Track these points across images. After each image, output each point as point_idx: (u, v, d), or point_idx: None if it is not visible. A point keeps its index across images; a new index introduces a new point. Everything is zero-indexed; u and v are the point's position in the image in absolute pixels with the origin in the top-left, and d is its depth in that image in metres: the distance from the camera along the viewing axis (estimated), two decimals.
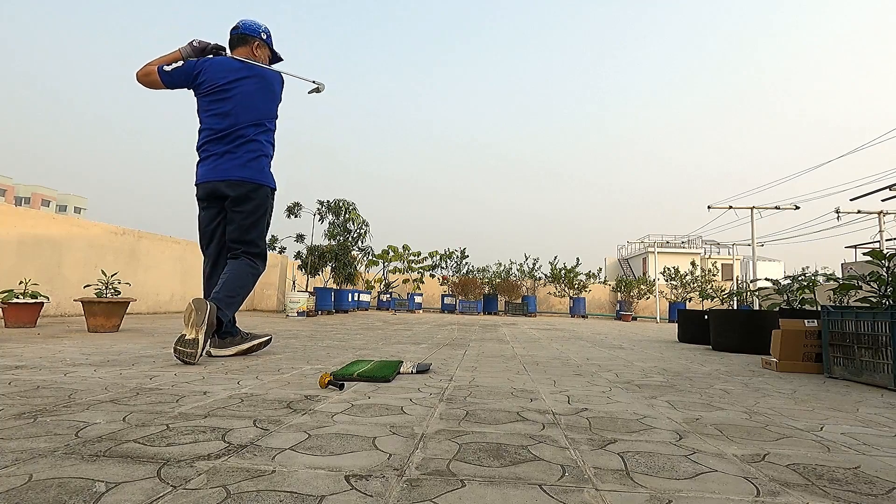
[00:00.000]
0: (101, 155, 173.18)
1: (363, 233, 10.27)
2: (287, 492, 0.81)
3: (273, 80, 2.72)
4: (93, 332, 3.80)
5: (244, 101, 2.61)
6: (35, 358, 2.28)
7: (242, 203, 2.59)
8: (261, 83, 2.66)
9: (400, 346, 3.55)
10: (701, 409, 1.63)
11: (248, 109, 2.61)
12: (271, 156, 2.73)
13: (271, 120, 2.72)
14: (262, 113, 2.66)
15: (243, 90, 2.62)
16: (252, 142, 2.61)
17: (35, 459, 0.92)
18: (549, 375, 2.31)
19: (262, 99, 2.67)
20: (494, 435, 1.21)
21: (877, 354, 2.36)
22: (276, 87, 2.74)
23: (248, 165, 2.59)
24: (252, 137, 2.61)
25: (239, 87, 2.62)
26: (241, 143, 2.60)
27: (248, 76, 2.65)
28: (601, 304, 17.62)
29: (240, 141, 2.60)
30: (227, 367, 2.19)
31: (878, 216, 14.53)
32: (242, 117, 2.60)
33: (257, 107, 2.64)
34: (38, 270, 5.55)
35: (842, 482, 0.97)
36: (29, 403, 1.37)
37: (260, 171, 2.63)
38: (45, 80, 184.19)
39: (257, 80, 2.66)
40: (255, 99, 2.63)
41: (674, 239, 33.35)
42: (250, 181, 2.59)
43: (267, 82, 2.69)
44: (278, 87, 2.75)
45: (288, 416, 1.33)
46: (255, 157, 2.61)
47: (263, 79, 2.68)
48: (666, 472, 0.99)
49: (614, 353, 3.64)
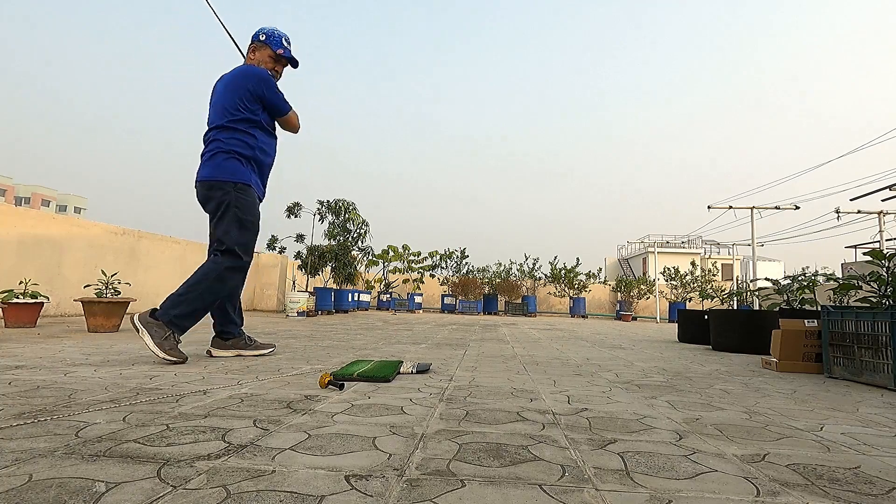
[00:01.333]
0: (101, 155, 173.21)
1: (363, 233, 10.26)
2: (287, 492, 0.81)
3: (238, 73, 2.59)
4: (93, 332, 3.80)
5: (213, 106, 2.58)
6: (35, 358, 2.28)
7: (205, 204, 2.55)
8: (227, 83, 2.58)
9: (400, 345, 3.55)
10: (701, 409, 1.63)
11: (214, 112, 2.57)
12: (236, 150, 2.53)
13: (232, 114, 2.53)
14: (222, 111, 2.53)
15: (214, 97, 2.60)
16: (213, 142, 2.54)
17: (35, 459, 0.92)
18: (549, 375, 2.31)
19: (225, 96, 2.55)
20: (494, 435, 1.21)
21: (877, 354, 2.36)
22: (240, 81, 2.56)
23: (206, 165, 2.52)
24: (213, 138, 2.54)
25: (213, 95, 2.62)
26: (205, 148, 2.57)
27: (219, 81, 2.63)
28: (601, 304, 17.61)
29: (205, 146, 2.57)
30: (227, 367, 2.19)
31: (878, 216, 14.53)
32: (210, 122, 2.58)
33: (221, 105, 2.54)
34: (38, 270, 5.55)
35: (842, 482, 0.97)
36: (29, 403, 1.37)
37: (215, 168, 2.50)
38: (45, 80, 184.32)
39: (225, 81, 2.60)
40: (220, 99, 2.56)
41: (674, 239, 33.35)
42: (206, 180, 2.50)
43: (232, 78, 2.58)
44: (243, 80, 2.56)
45: (288, 416, 1.33)
46: (211, 156, 2.51)
47: (231, 77, 2.58)
48: (666, 472, 0.99)
49: (614, 353, 3.64)
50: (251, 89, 2.53)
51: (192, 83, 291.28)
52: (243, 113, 2.53)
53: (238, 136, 2.54)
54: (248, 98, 2.54)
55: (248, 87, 2.53)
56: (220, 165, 2.49)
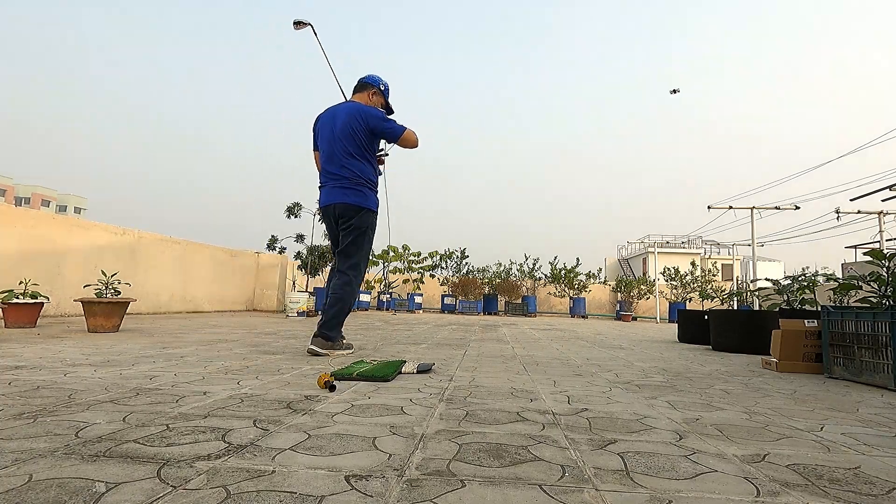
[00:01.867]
0: (101, 155, 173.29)
1: None
2: (287, 492, 0.81)
3: (362, 113, 2.93)
4: (93, 332, 3.80)
5: (341, 139, 2.94)
6: (35, 358, 2.28)
7: (346, 221, 2.94)
8: (352, 119, 2.93)
9: (400, 345, 3.55)
10: (701, 410, 1.63)
11: (346, 143, 2.93)
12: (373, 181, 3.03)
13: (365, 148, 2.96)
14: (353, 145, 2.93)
15: (339, 130, 2.95)
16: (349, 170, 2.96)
17: (35, 459, 0.92)
18: (549, 376, 2.31)
19: (353, 132, 2.93)
20: (494, 435, 1.21)
21: (877, 354, 2.36)
22: (366, 120, 2.91)
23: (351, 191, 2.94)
24: (349, 167, 2.94)
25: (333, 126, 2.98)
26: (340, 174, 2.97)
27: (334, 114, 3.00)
28: (601, 305, 17.61)
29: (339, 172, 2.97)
30: (227, 367, 2.19)
31: (878, 216, 14.54)
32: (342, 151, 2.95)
33: (351, 139, 2.93)
34: (38, 270, 5.55)
35: (842, 482, 0.97)
36: (29, 403, 1.37)
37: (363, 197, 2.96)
38: (46, 80, 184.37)
39: (349, 117, 2.94)
40: (348, 133, 2.92)
41: (674, 239, 33.36)
42: (356, 205, 2.93)
43: (357, 116, 2.93)
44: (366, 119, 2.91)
45: (288, 416, 1.33)
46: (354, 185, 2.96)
47: (356, 115, 2.93)
48: (666, 472, 0.99)
49: (614, 353, 3.64)
50: (373, 127, 2.92)
51: (191, 83, 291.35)
52: (370, 149, 2.96)
53: (371, 169, 2.97)
54: (371, 134, 2.94)
55: (370, 125, 2.91)
56: (367, 196, 2.93)
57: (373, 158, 2.98)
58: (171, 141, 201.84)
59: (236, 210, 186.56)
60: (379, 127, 2.91)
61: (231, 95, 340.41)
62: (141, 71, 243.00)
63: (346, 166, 2.88)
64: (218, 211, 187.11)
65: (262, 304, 10.52)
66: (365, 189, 2.91)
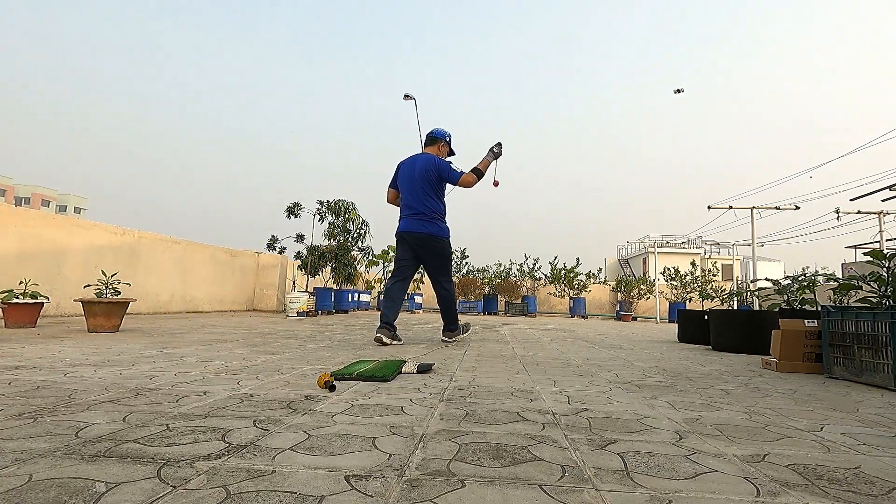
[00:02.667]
0: (101, 155, 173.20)
1: (363, 233, 10.26)
2: (287, 492, 0.81)
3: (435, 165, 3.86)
4: (93, 332, 3.80)
5: (420, 182, 3.85)
6: (35, 358, 2.28)
7: (427, 247, 3.88)
8: (428, 168, 3.86)
9: (400, 346, 3.55)
10: (701, 410, 1.63)
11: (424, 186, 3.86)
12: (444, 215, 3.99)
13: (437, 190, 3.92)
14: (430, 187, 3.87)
15: (417, 174, 3.86)
16: (428, 208, 3.89)
17: (35, 460, 0.92)
18: (549, 376, 2.31)
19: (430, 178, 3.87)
20: (494, 435, 1.21)
21: (877, 354, 2.36)
22: (439, 170, 3.85)
23: (430, 224, 3.87)
24: (428, 205, 3.88)
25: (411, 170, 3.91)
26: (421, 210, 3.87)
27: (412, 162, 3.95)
28: (601, 305, 17.61)
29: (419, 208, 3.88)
30: (227, 367, 2.19)
31: (878, 216, 14.54)
32: (421, 191, 3.88)
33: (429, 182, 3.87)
34: (37, 270, 5.55)
35: (842, 482, 0.97)
36: (29, 403, 1.37)
37: (440, 229, 3.90)
38: (46, 80, 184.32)
39: (425, 166, 3.86)
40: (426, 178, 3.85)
41: (674, 239, 33.35)
42: (435, 236, 3.89)
43: (432, 167, 3.86)
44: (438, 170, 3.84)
45: (288, 416, 1.33)
46: (432, 219, 3.88)
47: (431, 166, 3.86)
48: (666, 472, 0.99)
49: (614, 353, 3.64)
50: (444, 176, 3.86)
51: (191, 82, 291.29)
52: (440, 190, 3.90)
53: (441, 205, 3.91)
54: (441, 181, 3.88)
55: (441, 174, 3.85)
56: (442, 228, 3.87)
57: (442, 197, 3.94)
58: (172, 141, 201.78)
59: (236, 210, 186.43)
60: (446, 176, 3.85)
61: (236, 92, 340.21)
62: (141, 71, 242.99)
63: (426, 203, 3.79)
64: (218, 211, 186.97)
65: (262, 304, 10.52)
66: (438, 221, 3.84)
